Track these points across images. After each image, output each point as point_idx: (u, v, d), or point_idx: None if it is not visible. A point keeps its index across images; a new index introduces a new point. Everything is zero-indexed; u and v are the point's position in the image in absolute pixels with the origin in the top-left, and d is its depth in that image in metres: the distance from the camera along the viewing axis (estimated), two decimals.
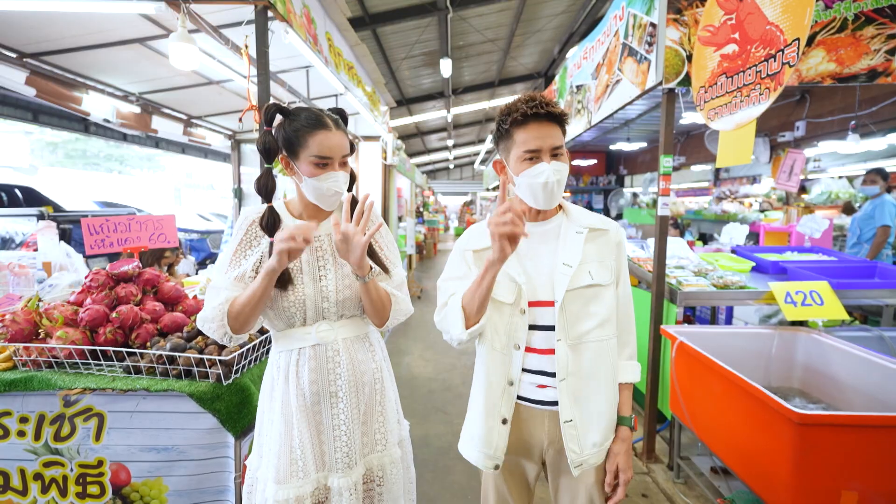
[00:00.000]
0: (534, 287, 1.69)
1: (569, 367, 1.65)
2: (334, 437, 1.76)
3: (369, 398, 1.85)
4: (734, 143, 2.87)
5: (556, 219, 1.78)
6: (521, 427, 1.74)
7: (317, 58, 4.43)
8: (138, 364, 2.22)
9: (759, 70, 2.64)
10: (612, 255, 1.75)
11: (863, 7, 3.18)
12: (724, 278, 3.68)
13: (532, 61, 16.35)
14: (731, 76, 2.89)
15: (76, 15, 4.02)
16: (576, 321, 1.66)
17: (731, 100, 2.87)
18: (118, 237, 2.81)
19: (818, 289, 3.33)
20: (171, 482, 2.25)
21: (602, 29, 4.83)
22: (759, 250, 4.71)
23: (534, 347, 1.70)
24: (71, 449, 2.23)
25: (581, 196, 12.18)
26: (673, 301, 3.57)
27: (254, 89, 3.56)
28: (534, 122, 1.61)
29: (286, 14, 3.64)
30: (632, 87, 4.00)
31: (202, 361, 2.17)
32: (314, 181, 1.71)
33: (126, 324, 2.36)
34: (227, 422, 2.18)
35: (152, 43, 4.91)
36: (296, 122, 1.71)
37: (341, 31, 5.61)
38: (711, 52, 3.08)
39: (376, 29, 11.09)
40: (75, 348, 2.22)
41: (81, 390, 2.15)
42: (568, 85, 6.18)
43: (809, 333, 3.18)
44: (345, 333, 1.81)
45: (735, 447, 2.63)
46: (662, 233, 3.58)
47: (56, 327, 2.28)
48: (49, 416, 2.23)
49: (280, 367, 1.77)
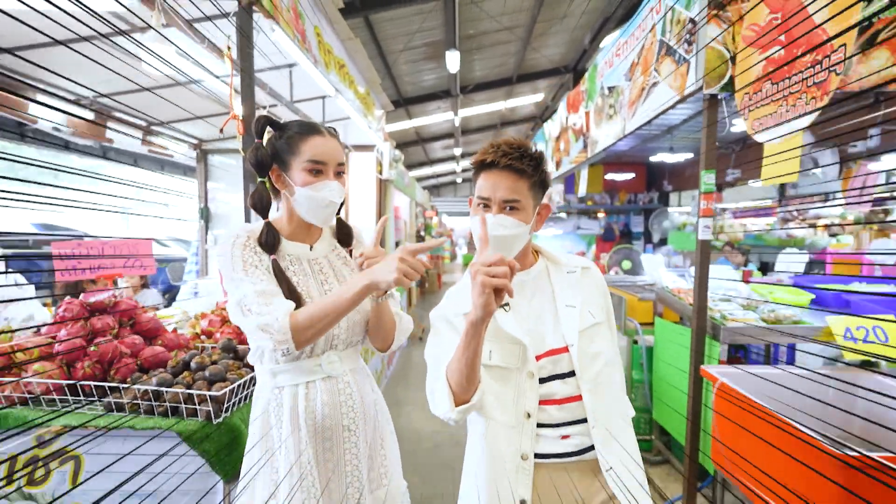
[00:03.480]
0: (541, 338, 1.94)
1: (597, 413, 1.88)
2: (346, 474, 2.05)
3: (374, 430, 2.16)
4: (780, 157, 3.19)
5: (538, 265, 2.07)
6: (549, 488, 1.88)
7: (305, 58, 4.79)
8: (121, 401, 2.52)
9: (805, 77, 2.96)
10: (600, 292, 2.07)
11: None
12: (776, 312, 3.98)
13: (558, 53, 16.71)
14: (776, 82, 3.21)
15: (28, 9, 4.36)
16: (590, 362, 1.92)
17: (776, 109, 3.19)
18: (91, 263, 3.13)
19: (883, 324, 3.62)
20: None
21: (637, 23, 5.17)
22: (822, 281, 5.01)
23: (552, 399, 1.90)
24: (45, 494, 2.53)
25: (618, 217, 12.39)
26: (716, 338, 3.86)
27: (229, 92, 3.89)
28: (494, 170, 1.88)
29: (272, 10, 3.99)
30: (670, 92, 4.33)
31: (191, 398, 2.47)
32: (308, 190, 1.99)
33: (105, 358, 2.67)
34: (217, 464, 2.48)
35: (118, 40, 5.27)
36: (288, 132, 2.03)
37: (332, 24, 5.97)
38: (757, 55, 3.41)
39: (369, 15, 11.45)
40: (54, 383, 2.53)
41: (62, 427, 2.45)
42: (598, 86, 6.53)
43: (872, 375, 3.47)
44: (350, 364, 2.12)
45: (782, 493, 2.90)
46: (704, 259, 3.88)
47: (31, 361, 2.59)
48: (21, 458, 2.53)
49: (282, 403, 2.02)
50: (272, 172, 2.08)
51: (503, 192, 1.85)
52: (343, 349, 2.10)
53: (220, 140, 9.36)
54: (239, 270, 1.95)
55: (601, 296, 2.06)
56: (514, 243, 1.90)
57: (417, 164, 30.61)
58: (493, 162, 1.86)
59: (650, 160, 10.80)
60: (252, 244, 2.03)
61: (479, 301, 1.57)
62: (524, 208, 1.88)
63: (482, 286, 1.55)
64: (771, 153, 3.27)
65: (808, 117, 2.92)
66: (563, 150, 9.02)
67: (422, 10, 11.87)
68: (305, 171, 1.98)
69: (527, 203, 1.89)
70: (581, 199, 11.58)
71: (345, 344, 2.10)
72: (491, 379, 1.91)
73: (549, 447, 1.88)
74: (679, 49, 4.16)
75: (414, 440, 5.58)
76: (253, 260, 1.99)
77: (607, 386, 1.94)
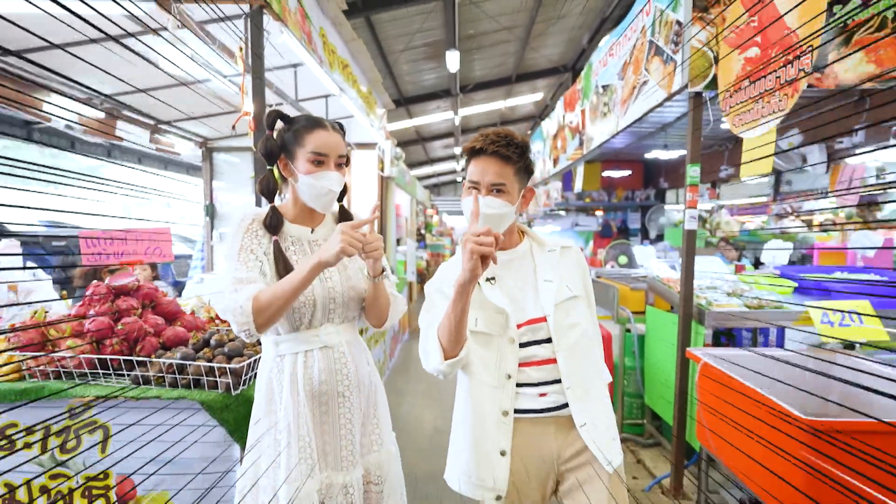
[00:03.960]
0: (522, 308, 2.21)
1: (571, 375, 2.15)
2: (340, 437, 2.28)
3: (367, 399, 2.39)
4: (757, 152, 3.43)
5: (523, 244, 2.33)
6: (528, 441, 2.18)
7: (311, 58, 5.02)
8: (147, 374, 2.76)
9: (778, 76, 3.20)
10: (579, 269, 2.32)
11: None
12: (760, 298, 4.21)
13: (557, 52, 16.94)
14: (753, 81, 3.45)
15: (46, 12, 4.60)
16: (566, 331, 2.18)
17: (753, 105, 3.43)
18: (114, 250, 3.37)
19: (858, 308, 3.86)
20: (176, 497, 2.77)
21: (629, 24, 5.41)
22: (807, 271, 5.25)
23: (532, 361, 2.18)
24: (77, 461, 2.77)
25: (615, 214, 12.57)
26: (702, 323, 4.10)
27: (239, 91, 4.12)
28: (482, 156, 2.12)
29: (281, 13, 4.23)
30: (658, 90, 4.57)
31: (212, 371, 2.71)
32: (310, 178, 2.22)
33: (131, 336, 2.90)
34: (236, 432, 2.71)
35: (127, 41, 5.51)
36: (296, 125, 2.27)
37: (336, 26, 6.21)
38: (736, 55, 3.64)
39: (370, 16, 11.68)
40: (86, 357, 2.76)
41: (94, 398, 2.69)
42: (593, 84, 6.77)
43: (847, 356, 3.70)
44: (347, 336, 2.35)
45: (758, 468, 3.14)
46: (690, 249, 4.12)
47: (64, 338, 2.82)
48: (54, 428, 2.77)
49: (284, 370, 2.25)
50: (280, 161, 2.31)
51: (491, 176, 2.09)
52: (340, 322, 2.34)
53: (226, 138, 9.59)
54: (234, 254, 2.19)
55: (580, 273, 2.31)
56: (500, 222, 2.13)
57: (418, 163, 30.82)
58: (482, 149, 2.10)
59: (647, 158, 10.98)
60: (255, 227, 2.26)
61: (467, 265, 1.84)
62: (510, 191, 2.12)
63: (471, 252, 1.82)
64: (749, 148, 3.51)
65: (782, 113, 3.15)
66: (561, 148, 9.26)
67: (422, 10, 12.10)
68: (309, 161, 2.21)
69: (512, 187, 2.13)
70: (579, 196, 11.77)
71: (341, 318, 2.33)
72: (476, 343, 2.19)
73: (528, 403, 2.16)
74: (667, 49, 4.40)
75: (416, 426, 5.80)
76: (251, 245, 2.22)
77: (584, 354, 2.20)
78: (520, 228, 2.39)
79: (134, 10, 4.03)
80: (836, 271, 5.13)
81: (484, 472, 2.15)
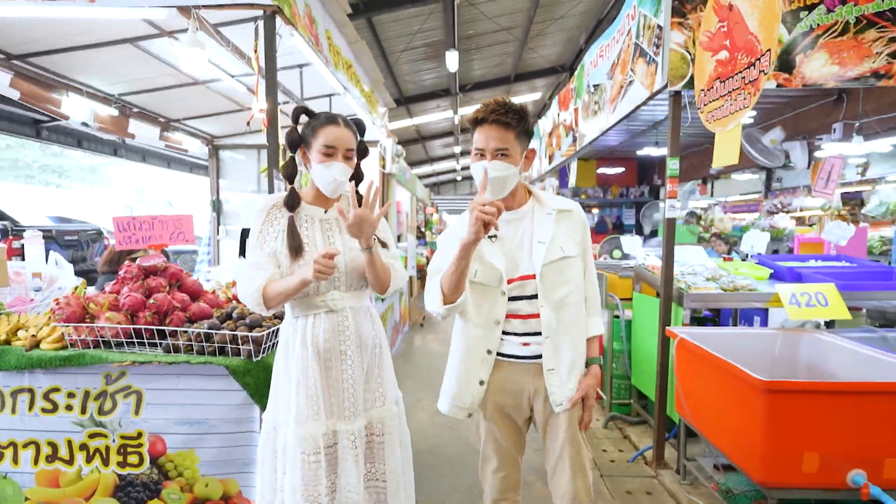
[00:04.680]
0: (515, 265, 2.56)
1: (552, 327, 2.52)
2: (342, 389, 2.62)
3: (370, 359, 2.74)
4: (726, 144, 3.78)
5: (528, 205, 2.66)
6: (508, 379, 2.60)
7: (318, 59, 5.37)
8: (177, 343, 3.10)
9: (743, 76, 3.55)
10: (579, 231, 2.65)
11: (864, 11, 4.07)
12: (735, 282, 4.56)
13: (554, 53, 17.31)
14: (723, 81, 3.79)
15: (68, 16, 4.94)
16: (554, 288, 2.53)
17: (723, 103, 3.77)
18: (143, 234, 3.71)
19: (824, 290, 4.21)
20: (202, 453, 3.13)
21: (617, 27, 5.77)
22: (785, 259, 5.60)
23: (519, 314, 2.56)
24: (113, 422, 3.11)
25: (610, 210, 12.86)
26: (681, 304, 4.45)
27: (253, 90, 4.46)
28: (485, 124, 2.42)
29: (292, 17, 4.56)
30: (642, 90, 4.92)
31: (235, 339, 3.05)
32: (320, 167, 2.58)
33: (161, 310, 3.25)
34: (256, 395, 3.06)
35: (142, 43, 5.86)
36: (314, 121, 2.63)
37: (340, 28, 6.55)
38: (709, 57, 3.99)
39: (372, 17, 12.02)
40: (123, 328, 3.11)
41: (132, 362, 3.03)
42: (585, 84, 7.13)
43: (812, 333, 4.05)
44: (351, 303, 2.69)
45: (723, 427, 3.50)
46: (669, 235, 4.48)
47: (102, 311, 3.17)
48: (93, 392, 3.11)
49: (297, 329, 2.61)
50: (300, 150, 2.69)
51: (494, 142, 2.39)
52: (345, 290, 2.68)
53: (232, 136, 9.92)
54: (254, 238, 2.61)
55: (579, 235, 2.64)
56: (506, 183, 2.46)
57: (418, 161, 31.10)
58: (484, 118, 2.41)
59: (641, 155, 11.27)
60: (274, 211, 2.66)
61: (472, 229, 2.20)
62: (512, 154, 2.43)
63: (476, 218, 2.17)
64: (720, 141, 3.86)
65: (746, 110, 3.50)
66: (556, 145, 9.61)
67: (422, 11, 12.43)
68: (320, 152, 2.57)
69: (514, 150, 2.44)
70: (574, 193, 12.07)
71: (346, 286, 2.68)
72: (473, 292, 2.56)
73: (512, 350, 2.58)
74: (649, 51, 4.74)
75: (415, 408, 6.12)
76: (267, 229, 2.63)
77: (571, 309, 2.56)
78: (527, 188, 2.72)
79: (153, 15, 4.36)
80: (810, 259, 5.47)
81: (464, 396, 2.62)
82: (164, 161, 15.92)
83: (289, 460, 2.49)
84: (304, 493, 2.44)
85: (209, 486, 3.15)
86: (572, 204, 2.71)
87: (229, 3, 4.13)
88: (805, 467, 3.01)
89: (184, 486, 3.14)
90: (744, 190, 13.48)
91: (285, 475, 2.51)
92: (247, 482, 3.16)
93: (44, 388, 3.13)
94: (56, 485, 3.17)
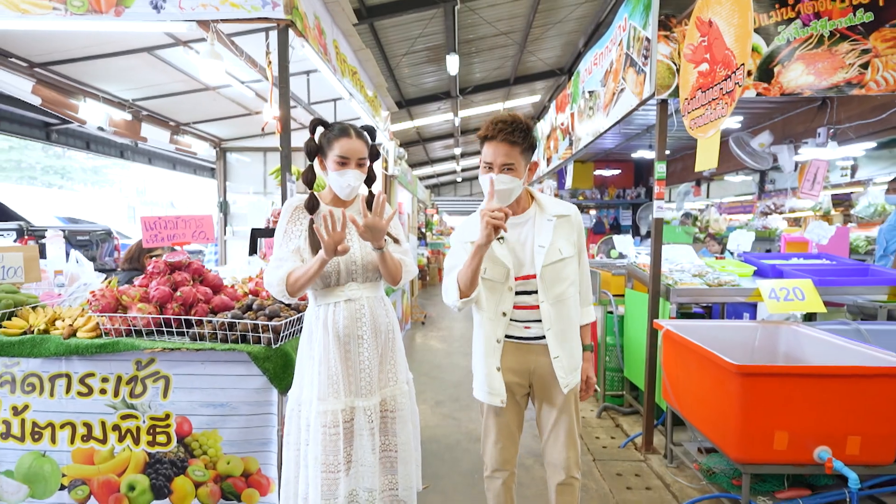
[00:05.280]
0: (520, 265, 2.89)
1: (552, 318, 2.84)
2: (360, 370, 2.92)
3: (384, 343, 3.04)
4: (706, 150, 4.09)
5: (531, 210, 2.97)
6: (514, 360, 2.92)
7: (327, 68, 5.67)
8: (202, 332, 3.40)
9: (721, 87, 3.85)
10: (575, 233, 2.96)
11: (838, 25, 4.38)
12: (719, 278, 4.86)
13: (553, 56, 17.59)
14: (704, 91, 4.09)
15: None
16: (553, 285, 2.86)
17: (704, 112, 4.07)
18: (168, 233, 4.02)
19: (801, 285, 4.51)
20: (224, 433, 3.43)
21: (610, 36, 6.08)
22: (768, 257, 5.90)
23: (523, 305, 2.88)
24: (143, 404, 3.42)
25: (608, 211, 13.06)
26: (668, 299, 4.75)
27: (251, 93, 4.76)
28: (493, 141, 2.72)
29: (304, 30, 4.85)
30: (632, 97, 5.22)
31: (257, 327, 3.35)
32: (336, 174, 2.90)
33: (187, 302, 3.55)
34: (275, 379, 3.36)
35: (158, 51, 6.17)
36: (330, 133, 2.94)
37: (346, 37, 6.84)
38: (692, 68, 4.29)
39: (374, 22, 12.28)
40: (154, 317, 3.41)
41: (162, 349, 3.34)
42: (581, 90, 7.45)
43: (789, 325, 4.35)
44: (367, 293, 3.00)
45: (703, 411, 3.80)
46: (658, 234, 4.80)
47: (134, 302, 3.47)
48: (125, 377, 3.42)
49: (319, 316, 2.92)
50: (318, 159, 3.00)
51: (501, 157, 2.68)
52: (362, 282, 2.99)
53: (239, 139, 10.21)
54: (280, 236, 2.93)
55: (575, 236, 2.97)
56: (511, 193, 2.76)
57: (419, 163, 31.35)
58: (493, 136, 2.71)
59: (637, 158, 11.51)
60: (297, 212, 2.97)
61: (483, 233, 2.54)
62: (517, 168, 2.72)
63: (486, 224, 2.51)
64: (702, 147, 4.17)
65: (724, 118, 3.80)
66: (553, 148, 9.93)
67: (423, 17, 12.68)
68: (335, 161, 2.89)
69: (519, 164, 2.73)
70: (573, 194, 12.32)
71: (363, 278, 2.99)
72: (484, 287, 2.89)
73: (516, 332, 2.92)
74: (638, 61, 5.05)
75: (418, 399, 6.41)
76: (292, 228, 2.94)
77: (567, 304, 2.91)
78: (530, 194, 3.03)
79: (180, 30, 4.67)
80: (793, 257, 5.77)
81: (493, 384, 2.91)
82: (169, 163, 16.17)
83: (311, 433, 2.80)
84: (324, 462, 2.75)
85: (231, 464, 3.45)
86: (570, 208, 3.01)
87: (246, 18, 4.42)
88: (776, 445, 3.33)
89: (208, 463, 3.45)
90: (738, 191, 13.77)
91: (308, 446, 2.81)
92: (265, 460, 3.47)
93: (80, 373, 3.44)
94: (91, 462, 3.48)
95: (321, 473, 2.76)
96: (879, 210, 9.54)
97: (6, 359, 3.46)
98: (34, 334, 3.49)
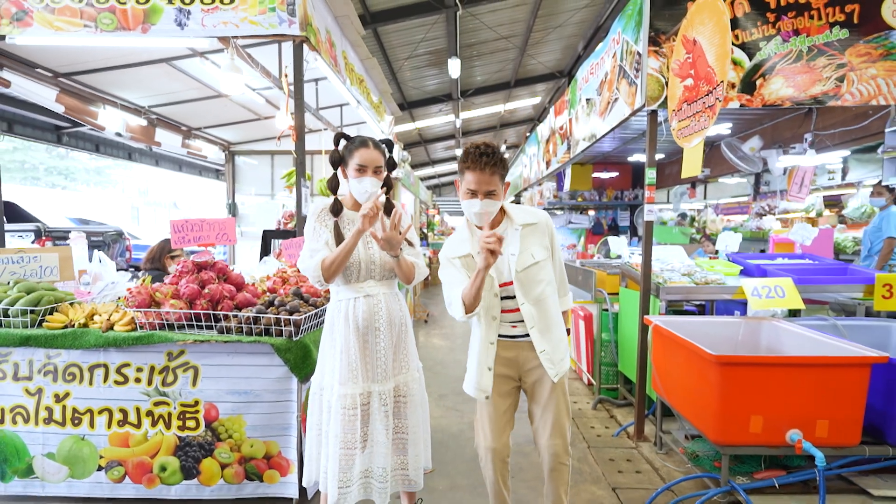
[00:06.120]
0: (500, 274, 3.19)
1: (534, 318, 3.17)
2: (376, 358, 3.25)
3: (398, 334, 3.37)
4: (691, 158, 4.42)
5: (503, 223, 3.28)
6: (504, 355, 3.24)
7: (337, 78, 6.01)
8: (228, 325, 3.74)
9: (703, 101, 4.18)
10: (546, 237, 3.28)
11: (815, 41, 4.70)
12: (707, 277, 5.19)
13: (553, 59, 17.90)
14: (690, 104, 4.42)
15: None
16: (530, 288, 3.17)
17: (689, 123, 4.40)
18: (194, 235, 4.35)
19: (782, 284, 4.84)
20: (248, 419, 3.78)
21: (605, 48, 6.41)
22: (754, 257, 6.23)
23: (509, 309, 3.19)
24: (174, 392, 3.76)
25: (606, 212, 13.24)
26: (658, 296, 5.08)
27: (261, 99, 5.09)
28: (476, 171, 2.98)
29: (317, 44, 5.18)
30: (625, 107, 5.56)
31: (279, 321, 3.70)
32: (355, 181, 3.22)
33: (214, 298, 3.89)
34: (295, 369, 3.70)
35: (176, 62, 6.51)
36: (351, 145, 3.27)
37: (354, 48, 7.18)
38: (679, 82, 4.62)
39: (377, 28, 12.63)
40: (185, 312, 3.76)
41: (193, 341, 3.68)
42: (578, 97, 7.80)
43: (770, 321, 4.68)
44: (383, 290, 3.32)
45: (688, 399, 4.14)
46: (648, 235, 5.12)
47: (167, 299, 3.81)
48: (157, 367, 3.77)
49: (340, 310, 3.24)
50: (341, 168, 3.33)
51: (484, 185, 2.98)
52: (379, 279, 3.32)
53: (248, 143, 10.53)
54: (310, 233, 3.24)
55: (547, 237, 3.28)
56: (492, 214, 3.07)
57: (420, 164, 31.66)
58: (475, 166, 3.00)
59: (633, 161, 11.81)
60: (323, 214, 3.29)
61: (482, 257, 2.81)
62: (498, 192, 3.02)
63: (485, 250, 2.78)
64: (687, 155, 4.50)
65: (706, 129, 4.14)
66: (552, 152, 10.27)
67: (425, 22, 13.04)
68: (355, 170, 3.22)
69: (499, 188, 3.03)
70: (572, 196, 12.62)
71: (380, 276, 3.31)
72: None
73: (506, 331, 3.24)
74: (631, 73, 5.38)
75: None
76: (320, 227, 3.26)
77: (546, 302, 3.21)
78: (502, 208, 3.31)
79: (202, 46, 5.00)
80: (778, 257, 6.11)
81: (481, 381, 3.22)
82: (175, 165, 16.47)
83: (332, 414, 3.13)
84: (343, 440, 3.08)
85: (254, 447, 3.81)
86: (537, 215, 3.31)
87: (264, 35, 4.75)
88: (752, 428, 3.67)
89: (233, 446, 3.80)
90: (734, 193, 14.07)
91: (328, 426, 3.15)
92: (285, 444, 3.83)
93: (116, 363, 3.80)
94: (126, 445, 3.83)
95: (340, 450, 3.07)
96: (868, 212, 9.86)
97: (50, 350, 3.81)
98: (75, 328, 3.84)
